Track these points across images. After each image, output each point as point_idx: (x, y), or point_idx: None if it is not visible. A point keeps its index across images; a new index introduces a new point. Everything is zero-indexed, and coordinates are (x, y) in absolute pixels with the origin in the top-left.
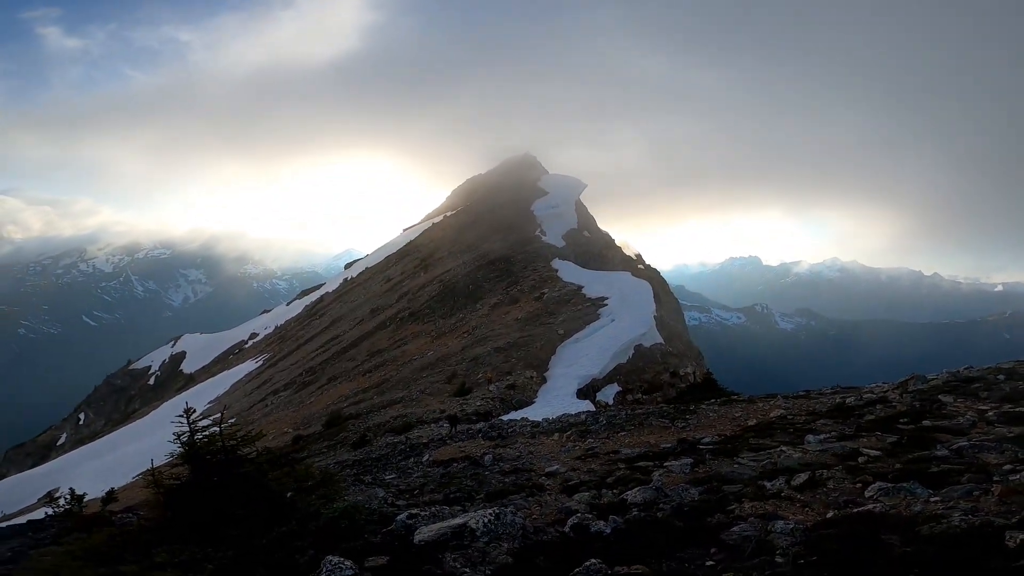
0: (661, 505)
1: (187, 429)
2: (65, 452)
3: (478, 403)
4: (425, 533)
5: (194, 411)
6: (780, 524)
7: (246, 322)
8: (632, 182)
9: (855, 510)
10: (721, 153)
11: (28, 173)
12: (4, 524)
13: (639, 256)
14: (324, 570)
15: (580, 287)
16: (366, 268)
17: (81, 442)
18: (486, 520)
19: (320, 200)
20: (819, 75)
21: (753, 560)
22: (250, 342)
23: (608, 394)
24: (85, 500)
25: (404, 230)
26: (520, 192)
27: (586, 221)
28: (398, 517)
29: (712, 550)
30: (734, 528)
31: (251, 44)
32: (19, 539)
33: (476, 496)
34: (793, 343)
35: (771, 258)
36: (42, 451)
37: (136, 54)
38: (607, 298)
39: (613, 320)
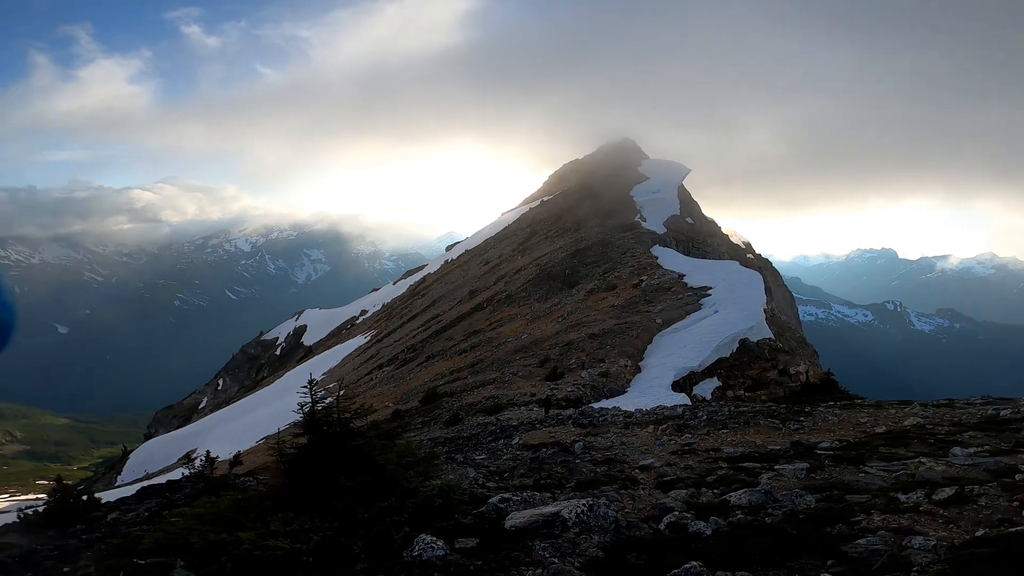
0: (770, 510)
1: (309, 400)
2: (204, 415)
3: (569, 389)
4: (517, 519)
5: (317, 382)
6: (919, 540)
7: (357, 299)
8: (753, 168)
9: (1012, 529)
10: (861, 137)
11: (183, 163)
12: (147, 483)
13: (748, 244)
14: (417, 547)
15: (681, 275)
16: (466, 250)
17: (218, 406)
18: (579, 511)
19: (426, 184)
20: (985, 54)
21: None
22: (360, 318)
23: (706, 389)
24: (216, 462)
25: (502, 214)
26: (619, 177)
27: (689, 207)
28: (490, 500)
29: (830, 562)
30: (859, 540)
31: (362, 38)
32: (157, 499)
33: (566, 484)
34: (931, 346)
35: (909, 251)
36: (186, 413)
37: (265, 52)
38: (711, 288)
39: (717, 311)
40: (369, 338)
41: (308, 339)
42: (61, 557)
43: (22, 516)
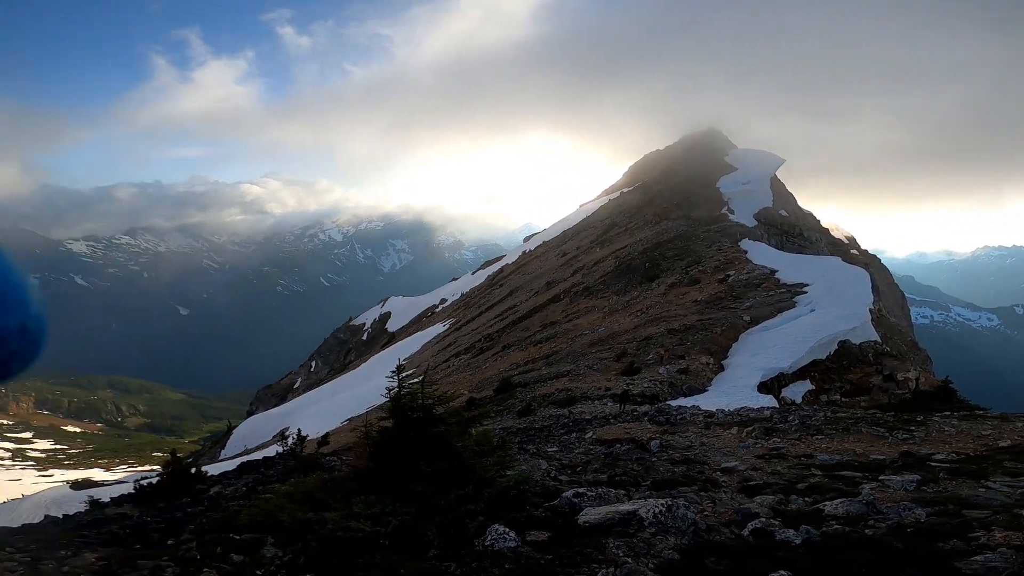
0: (871, 522)
1: (396, 385)
2: (298, 395)
3: (645, 384)
4: (591, 515)
5: (404, 367)
6: None
7: (437, 288)
8: (864, 158)
9: None
10: (1002, 129)
11: (284, 158)
12: (245, 458)
13: (852, 239)
14: (489, 537)
15: (773, 271)
16: (543, 242)
17: (310, 387)
18: (657, 510)
19: (506, 176)
20: None
21: None
22: (440, 307)
23: (796, 392)
24: (305, 441)
25: (580, 206)
26: (704, 168)
27: (784, 199)
28: (564, 494)
29: None
30: (976, 557)
31: (441, 33)
32: (254, 474)
33: (642, 482)
34: None
35: None
36: (283, 393)
37: (351, 50)
38: (807, 285)
39: (813, 310)
40: (447, 326)
41: (392, 325)
42: (168, 529)
43: (137, 488)
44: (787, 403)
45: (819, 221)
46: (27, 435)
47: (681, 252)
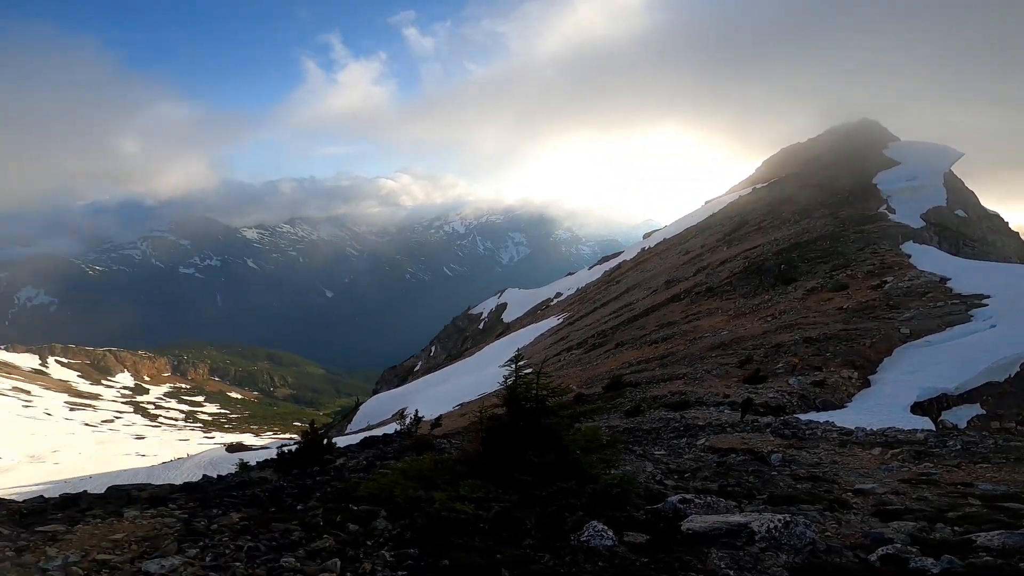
0: None
1: (512, 374)
2: (417, 378)
3: (771, 395)
4: (696, 523)
5: (522, 357)
6: None
7: (553, 282)
8: None
9: None
10: None
11: (414, 154)
12: (367, 434)
13: None
14: (586, 533)
15: (944, 279)
16: (663, 239)
17: (428, 371)
18: (772, 525)
19: (627, 171)
20: None
21: None
22: (555, 300)
23: (960, 416)
24: (420, 422)
25: (706, 202)
26: (857, 162)
27: (961, 197)
28: (669, 498)
29: None
30: None
31: (555, 28)
32: (373, 450)
33: (756, 496)
34: None
35: None
36: (404, 374)
37: (470, 49)
38: (987, 296)
39: (994, 326)
40: (561, 320)
41: (507, 316)
42: (299, 495)
43: (278, 455)
44: (947, 427)
45: (1007, 224)
46: (199, 399)
47: (826, 254)
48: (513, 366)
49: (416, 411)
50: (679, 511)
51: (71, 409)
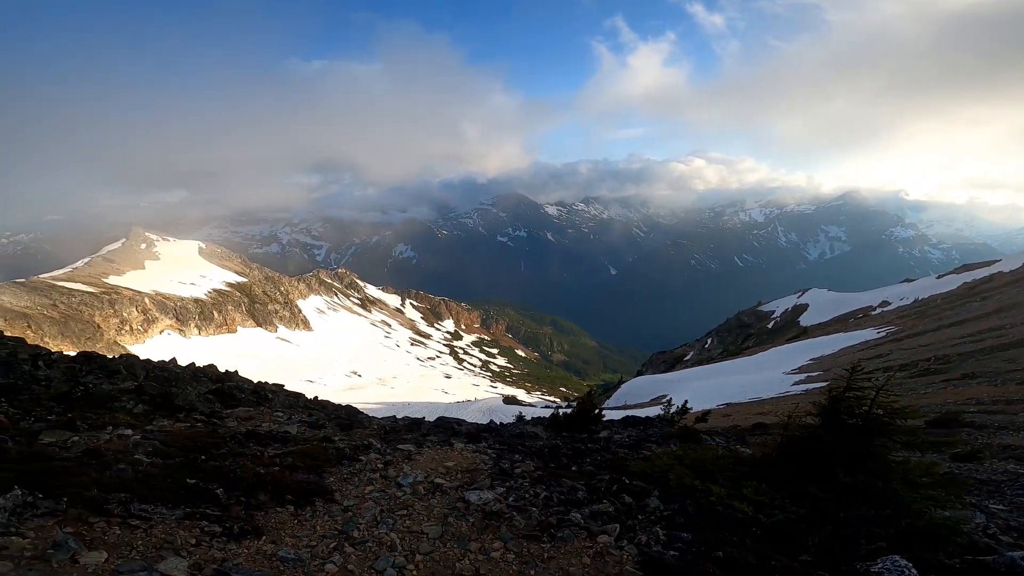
0: None
1: (841, 384)
2: (686, 367)
3: None
4: None
5: (862, 368)
6: None
7: (879, 288)
8: None
9: None
10: None
11: (709, 137)
12: (624, 412)
13: None
14: (879, 564)
15: None
16: None
17: (699, 363)
18: None
19: (1004, 158)
20: None
21: None
22: (878, 310)
23: None
24: (687, 412)
25: None
26: None
27: None
28: (1007, 553)
29: None
30: None
31: None
32: (635, 429)
33: None
34: None
35: None
36: (672, 361)
37: (771, 24)
38: None
39: None
40: (884, 334)
41: (806, 319)
42: (573, 457)
43: (552, 416)
44: None
45: None
46: (494, 351)
47: None
48: (847, 375)
49: (685, 401)
50: (1016, 568)
51: (412, 344)
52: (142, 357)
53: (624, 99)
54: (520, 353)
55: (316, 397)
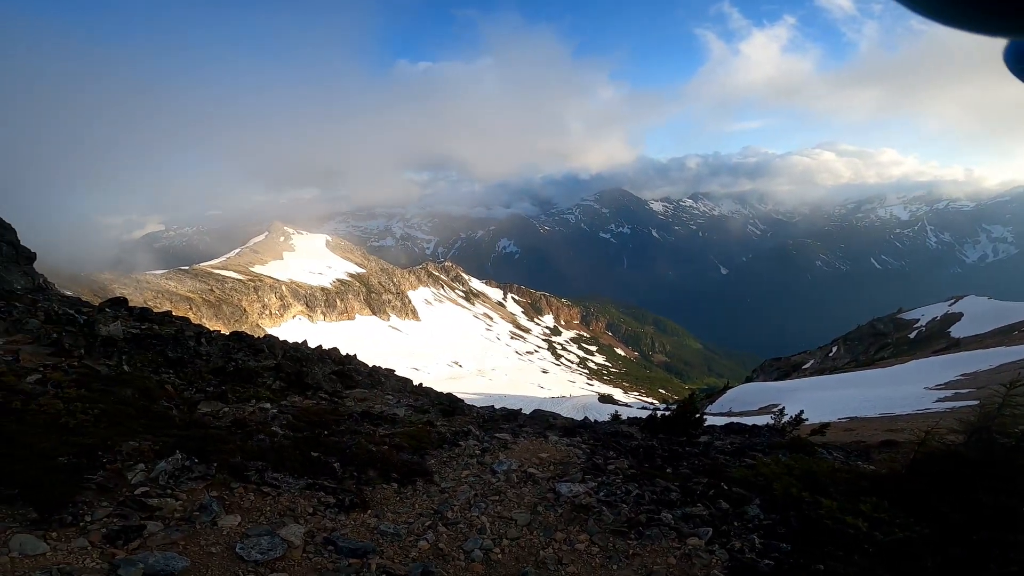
0: None
1: (996, 401)
2: (804, 376)
3: None
4: None
5: (1020, 383)
6: None
7: None
8: None
9: None
10: None
11: (841, 128)
12: (729, 420)
13: None
14: None
15: None
16: None
17: (821, 372)
18: None
19: None
20: None
21: None
22: None
23: None
24: (801, 424)
25: None
26: None
27: None
28: None
29: None
30: None
31: None
32: (739, 436)
33: None
34: None
35: None
36: (787, 369)
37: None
38: None
39: None
40: None
41: (958, 330)
42: (669, 459)
43: (650, 417)
44: None
45: None
46: (593, 348)
47: None
48: (1004, 391)
49: (800, 412)
50: None
51: (512, 337)
52: (279, 339)
53: (739, 90)
54: (619, 352)
55: (421, 384)
